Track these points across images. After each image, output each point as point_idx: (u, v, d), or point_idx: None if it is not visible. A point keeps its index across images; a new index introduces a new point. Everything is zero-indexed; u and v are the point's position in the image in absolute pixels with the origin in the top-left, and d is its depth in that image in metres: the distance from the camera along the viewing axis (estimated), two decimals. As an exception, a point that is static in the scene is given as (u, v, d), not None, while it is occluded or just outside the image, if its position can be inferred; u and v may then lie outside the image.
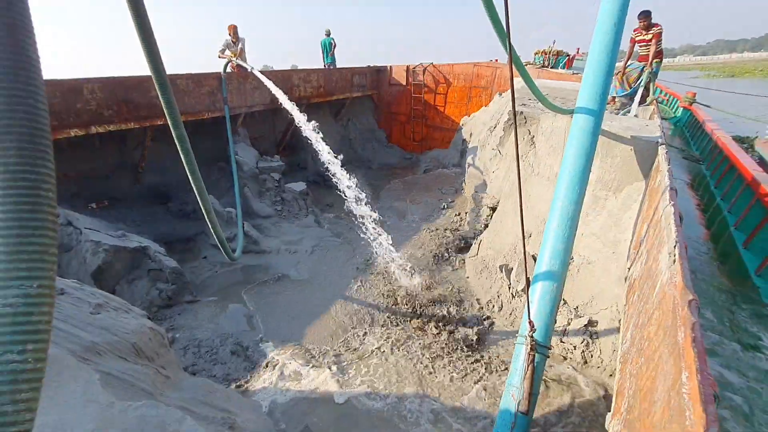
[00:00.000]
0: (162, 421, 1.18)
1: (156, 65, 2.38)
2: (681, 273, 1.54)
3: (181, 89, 7.65)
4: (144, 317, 3.06)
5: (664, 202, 2.33)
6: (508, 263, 5.30)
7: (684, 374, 1.09)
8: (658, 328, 1.57)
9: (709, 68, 68.08)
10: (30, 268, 0.58)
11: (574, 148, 3.63)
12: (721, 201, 5.04)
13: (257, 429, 2.94)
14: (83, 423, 1.01)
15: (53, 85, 5.93)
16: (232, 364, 4.40)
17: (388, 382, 4.14)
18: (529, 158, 5.59)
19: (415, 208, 9.22)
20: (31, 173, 0.62)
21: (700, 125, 8.35)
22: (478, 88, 12.10)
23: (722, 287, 3.28)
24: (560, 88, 8.93)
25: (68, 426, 1.02)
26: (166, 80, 2.51)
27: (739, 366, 2.37)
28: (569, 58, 15.04)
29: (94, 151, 7.33)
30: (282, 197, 8.43)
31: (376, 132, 14.19)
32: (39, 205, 0.62)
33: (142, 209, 7.71)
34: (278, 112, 10.34)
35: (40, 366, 0.57)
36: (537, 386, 3.28)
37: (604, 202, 4.29)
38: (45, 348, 0.58)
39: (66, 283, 2.65)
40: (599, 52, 3.76)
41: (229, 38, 8.84)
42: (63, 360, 1.40)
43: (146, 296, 5.24)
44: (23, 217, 0.59)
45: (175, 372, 3.05)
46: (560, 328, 4.36)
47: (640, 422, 1.40)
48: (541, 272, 3.47)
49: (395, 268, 6.02)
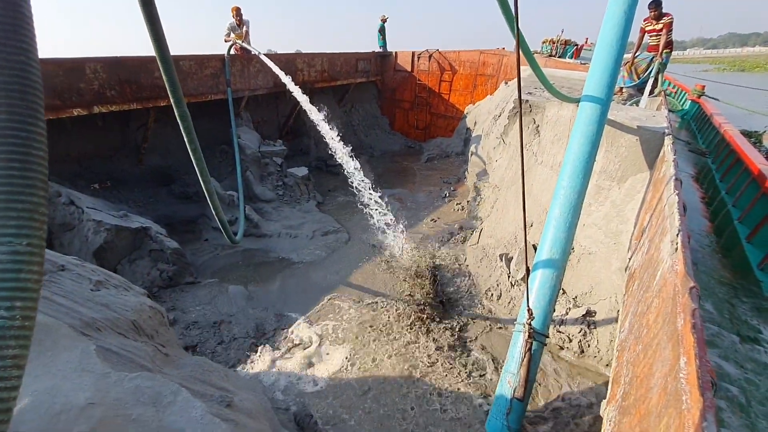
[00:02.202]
0: (157, 392, 1.18)
1: (159, 41, 2.35)
2: (683, 260, 1.53)
3: (185, 71, 7.58)
4: (144, 296, 3.07)
5: (669, 192, 2.30)
6: (509, 252, 5.30)
7: (682, 359, 1.08)
8: (657, 315, 1.56)
9: (719, 62, 67.02)
10: (19, 225, 0.57)
11: (579, 137, 3.59)
12: (725, 194, 5.00)
13: (255, 408, 2.96)
14: (78, 390, 1.01)
15: (55, 64, 5.88)
16: (232, 344, 4.44)
17: (390, 362, 4.17)
18: (532, 147, 5.54)
19: (417, 196, 9.19)
20: (22, 131, 0.60)
21: (708, 118, 8.24)
22: (483, 76, 11.94)
23: (723, 280, 3.26)
24: (567, 77, 8.82)
25: (62, 393, 1.02)
26: (169, 56, 2.48)
27: (737, 358, 2.37)
28: (577, 47, 14.81)
29: (96, 131, 7.30)
30: (284, 182, 8.41)
31: (379, 119, 14.08)
32: (29, 164, 0.60)
33: (145, 191, 7.71)
34: (282, 96, 10.27)
35: (29, 324, 0.56)
36: (534, 373, 3.30)
37: (607, 193, 4.25)
38: (34, 306, 0.58)
39: (67, 260, 2.66)
40: (608, 41, 3.69)
41: (233, 21, 8.73)
42: (59, 329, 1.41)
43: (147, 276, 5.26)
44: (13, 175, 0.58)
45: (175, 350, 3.07)
46: (558, 318, 4.37)
47: (635, 408, 1.40)
48: (541, 260, 3.46)
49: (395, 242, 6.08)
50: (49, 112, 5.88)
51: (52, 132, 6.65)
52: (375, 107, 14.13)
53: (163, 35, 2.33)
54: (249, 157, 8.14)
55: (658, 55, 6.97)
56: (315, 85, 10.89)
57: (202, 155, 3.18)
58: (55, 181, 6.22)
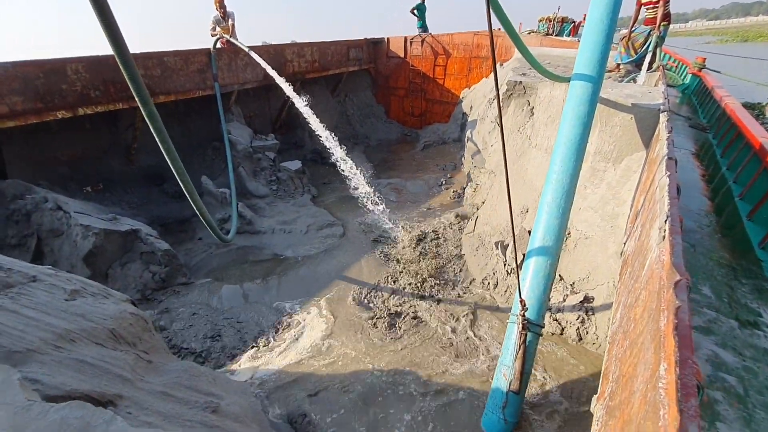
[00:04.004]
0: (86, 423, 1.10)
1: (114, 37, 2.23)
2: (670, 251, 1.42)
3: (169, 67, 7.41)
4: (126, 302, 2.99)
5: (660, 173, 2.17)
6: (504, 239, 5.19)
7: (662, 366, 0.98)
8: (643, 310, 1.45)
9: (722, 33, 65.54)
10: None
11: (570, 118, 3.45)
12: (726, 171, 4.84)
13: (243, 412, 2.91)
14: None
15: (34, 66, 5.75)
16: (224, 345, 4.39)
17: (387, 355, 4.11)
18: (526, 130, 5.39)
19: (414, 185, 9.06)
20: None
21: (709, 92, 8.01)
22: (478, 58, 11.68)
23: (723, 261, 3.14)
24: (563, 56, 8.57)
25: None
26: (127, 53, 2.36)
27: (735, 344, 2.26)
28: (574, 24, 14.45)
29: (84, 132, 7.19)
30: (277, 176, 8.30)
31: (374, 107, 13.86)
32: None
33: (137, 191, 7.63)
34: (273, 89, 10.07)
35: None
36: (529, 365, 3.22)
37: (602, 174, 4.12)
38: None
39: (39, 270, 2.58)
40: (598, 15, 3.52)
41: (217, 14, 8.52)
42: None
43: (139, 279, 5.21)
44: None
45: (160, 356, 3.01)
46: (556, 305, 4.28)
47: (620, 411, 1.31)
48: (534, 248, 3.35)
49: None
50: (32, 115, 5.78)
51: (39, 135, 6.56)
52: (369, 96, 13.90)
53: (119, 31, 2.21)
54: (241, 152, 8.02)
55: (655, 29, 6.72)
56: (306, 76, 10.68)
57: (177, 155, 3.07)
58: (44, 186, 6.15)
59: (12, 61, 5.54)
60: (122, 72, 2.40)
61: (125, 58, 2.34)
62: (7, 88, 5.48)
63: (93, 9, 2.06)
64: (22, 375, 1.26)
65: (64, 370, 2.01)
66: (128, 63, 2.38)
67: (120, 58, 2.31)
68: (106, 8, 2.10)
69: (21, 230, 5.16)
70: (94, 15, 2.11)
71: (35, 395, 1.20)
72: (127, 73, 2.41)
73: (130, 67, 2.40)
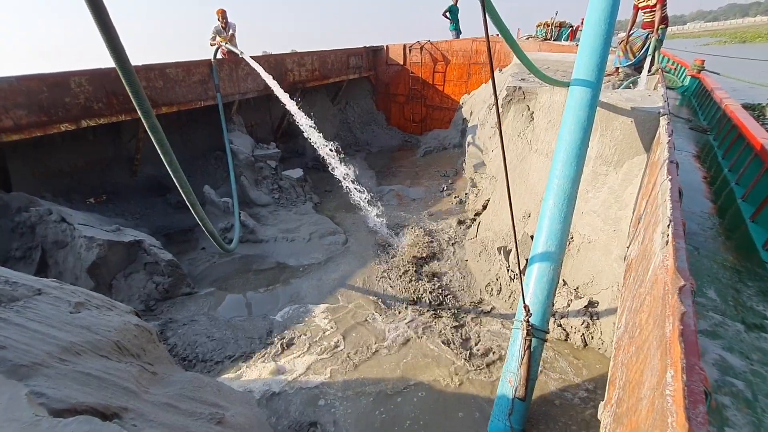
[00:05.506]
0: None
1: (116, 50, 2.26)
2: (673, 255, 1.42)
3: (172, 78, 7.49)
4: (130, 313, 3.00)
5: (662, 177, 2.17)
6: (507, 245, 5.18)
7: (669, 372, 0.98)
8: (648, 315, 1.45)
9: (720, 34, 65.72)
10: None
11: (570, 123, 3.46)
12: (728, 172, 4.83)
13: (248, 423, 2.90)
14: (-3, 446, 0.94)
15: (38, 80, 5.82)
16: (228, 355, 4.37)
17: (391, 364, 4.09)
18: (527, 135, 5.41)
19: (415, 191, 9.07)
20: None
21: (709, 94, 8.02)
22: (477, 64, 11.74)
23: (727, 263, 3.12)
24: (562, 60, 8.61)
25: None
26: (129, 66, 2.39)
27: (742, 348, 2.25)
28: (572, 29, 14.52)
29: (88, 144, 7.25)
30: (279, 185, 8.33)
31: (374, 114, 13.93)
32: None
33: (140, 202, 7.67)
34: (274, 98, 10.11)
35: None
36: (535, 371, 3.20)
37: (604, 178, 4.12)
38: None
39: (44, 283, 2.59)
40: (596, 19, 3.54)
41: (218, 24, 8.62)
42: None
43: (143, 290, 5.21)
44: None
45: (165, 367, 3.01)
46: (560, 310, 4.26)
47: (627, 418, 1.30)
48: (537, 253, 3.35)
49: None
50: (36, 128, 5.84)
51: (43, 148, 6.62)
52: (370, 103, 13.98)
53: (120, 43, 2.24)
54: (242, 162, 8.05)
55: (653, 32, 6.76)
56: (307, 85, 10.76)
57: (179, 166, 3.09)
58: (48, 198, 6.20)
59: (17, 76, 5.61)
60: (124, 84, 2.43)
61: (128, 72, 2.37)
62: (12, 102, 5.54)
63: (95, 23, 2.09)
64: (29, 390, 1.27)
65: (69, 383, 2.01)
66: (131, 77, 2.41)
67: (122, 72, 2.34)
68: (108, 22, 2.13)
69: (26, 242, 5.19)
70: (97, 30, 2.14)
71: (42, 410, 1.21)
72: (129, 86, 2.44)
73: (132, 81, 2.43)
